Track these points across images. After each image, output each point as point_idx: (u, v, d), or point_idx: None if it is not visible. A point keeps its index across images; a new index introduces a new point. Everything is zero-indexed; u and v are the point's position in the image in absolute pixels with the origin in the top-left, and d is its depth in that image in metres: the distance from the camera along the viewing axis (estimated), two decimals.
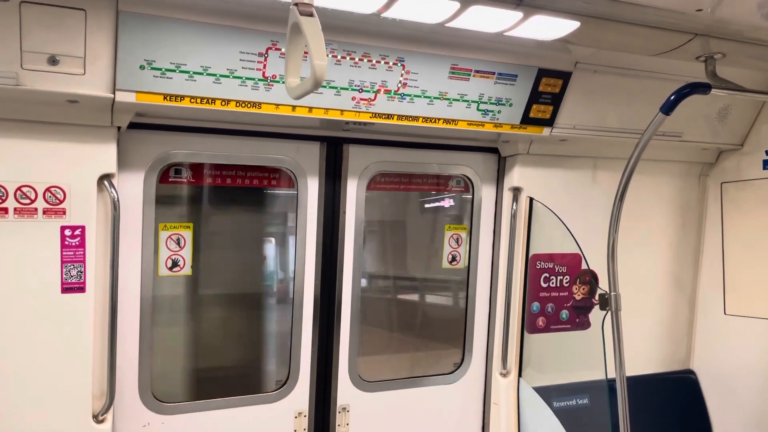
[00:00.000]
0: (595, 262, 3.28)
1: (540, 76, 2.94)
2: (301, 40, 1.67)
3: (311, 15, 1.63)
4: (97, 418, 2.64)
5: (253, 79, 2.50)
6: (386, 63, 2.67)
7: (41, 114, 2.41)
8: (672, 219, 3.85)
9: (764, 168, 3.57)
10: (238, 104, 2.54)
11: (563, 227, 3.30)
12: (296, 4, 1.65)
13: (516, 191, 3.40)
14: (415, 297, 3.90)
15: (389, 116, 2.81)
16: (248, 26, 2.39)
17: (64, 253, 2.50)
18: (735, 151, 3.72)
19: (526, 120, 3.05)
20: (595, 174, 3.55)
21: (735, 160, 3.73)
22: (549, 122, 3.11)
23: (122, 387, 2.79)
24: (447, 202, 3.65)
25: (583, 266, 3.46)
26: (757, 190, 3.60)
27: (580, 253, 3.36)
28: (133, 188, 2.75)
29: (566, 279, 3.52)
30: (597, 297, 2.89)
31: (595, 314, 3.52)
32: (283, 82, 1.92)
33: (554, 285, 3.50)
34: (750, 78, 3.15)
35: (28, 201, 2.44)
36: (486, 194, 3.50)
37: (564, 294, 3.53)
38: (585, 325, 3.59)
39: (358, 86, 2.68)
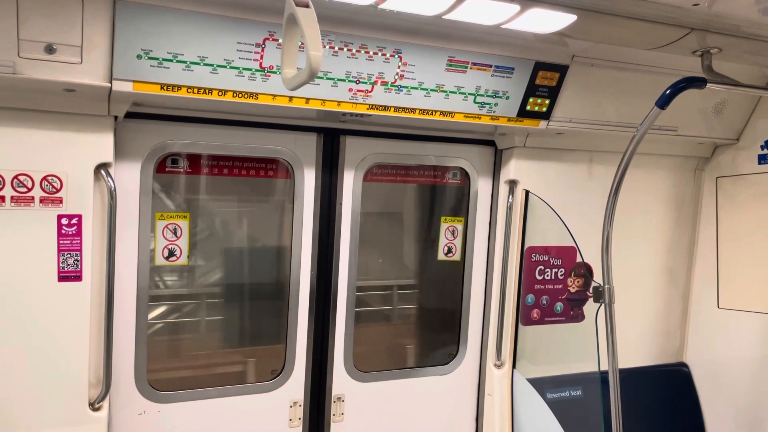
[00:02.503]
0: (590, 255, 3.30)
1: (537, 69, 2.94)
2: (296, 32, 1.68)
3: (307, 6, 1.63)
4: (94, 406, 2.66)
5: (250, 69, 2.51)
6: (383, 54, 2.67)
7: (38, 102, 2.41)
8: (667, 213, 3.87)
9: (759, 163, 3.58)
10: (235, 95, 2.54)
11: (558, 220, 3.31)
12: None
13: (512, 184, 3.41)
14: None
15: (386, 108, 2.82)
16: (245, 17, 2.39)
17: (61, 242, 2.51)
18: (730, 146, 3.73)
19: (523, 113, 3.06)
20: (590, 167, 3.56)
21: (730, 155, 3.74)
22: (545, 115, 3.11)
23: (118, 375, 2.80)
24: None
25: (578, 259, 3.48)
26: (752, 185, 3.62)
27: (575, 246, 3.38)
28: (130, 178, 2.76)
29: (561, 271, 3.54)
30: (591, 290, 2.90)
31: (589, 307, 3.54)
32: (280, 73, 1.93)
33: (549, 277, 3.52)
34: (746, 73, 3.17)
35: (24, 189, 2.44)
36: (482, 186, 3.51)
37: (559, 286, 3.55)
38: (579, 317, 3.61)
39: (355, 77, 2.68)
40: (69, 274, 2.53)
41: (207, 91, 2.49)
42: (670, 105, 2.57)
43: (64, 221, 2.51)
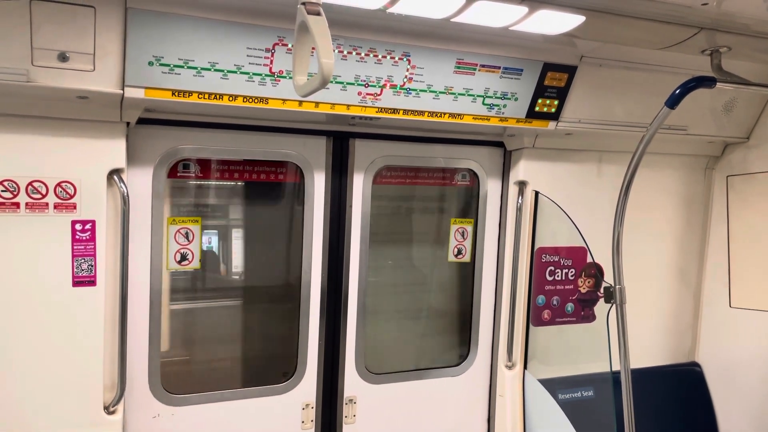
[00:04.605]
0: (601, 255, 3.29)
1: (545, 70, 2.94)
2: (308, 39, 1.69)
3: (318, 14, 1.65)
4: (108, 409, 2.68)
5: (260, 74, 2.52)
6: (392, 58, 2.68)
7: (52, 110, 2.44)
8: (677, 212, 3.86)
9: None
10: (245, 100, 2.56)
11: (568, 221, 3.31)
12: (304, 3, 1.66)
13: (521, 185, 3.42)
14: None
15: (395, 111, 2.83)
16: (255, 22, 2.41)
17: (75, 247, 2.53)
18: (741, 144, 3.71)
19: (532, 114, 3.06)
20: (600, 167, 3.55)
21: (741, 153, 3.72)
22: (554, 116, 3.11)
23: (132, 379, 2.83)
24: None
25: (589, 259, 3.48)
26: (763, 184, 3.60)
27: (585, 246, 3.37)
28: (142, 183, 2.78)
29: (571, 272, 3.53)
30: (602, 290, 2.90)
31: (600, 307, 3.54)
32: (290, 78, 1.94)
33: (559, 278, 3.51)
34: (756, 71, 3.15)
35: (39, 196, 2.47)
36: (492, 188, 3.51)
37: (569, 287, 3.54)
38: (590, 318, 3.60)
39: (364, 81, 2.69)
40: (83, 279, 2.56)
41: (218, 96, 2.51)
42: (680, 104, 2.56)
43: (77, 227, 2.53)
